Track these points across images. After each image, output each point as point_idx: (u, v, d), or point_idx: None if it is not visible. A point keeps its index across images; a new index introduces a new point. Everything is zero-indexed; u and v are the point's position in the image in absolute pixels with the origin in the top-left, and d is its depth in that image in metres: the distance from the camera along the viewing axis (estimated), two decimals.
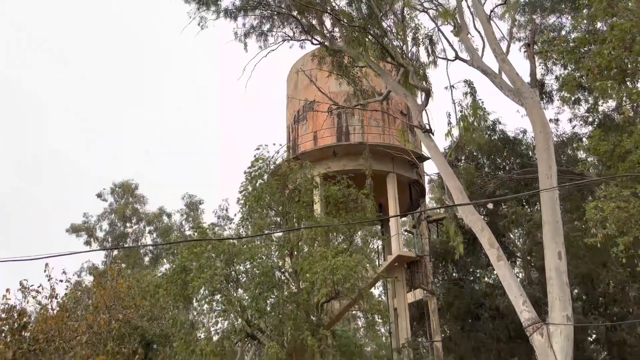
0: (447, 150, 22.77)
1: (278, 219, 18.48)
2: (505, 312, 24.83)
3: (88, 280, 31.83)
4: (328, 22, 16.21)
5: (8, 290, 16.73)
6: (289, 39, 16.88)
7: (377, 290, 32.55)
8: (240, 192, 17.65)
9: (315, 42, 16.36)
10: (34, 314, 18.62)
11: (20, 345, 15.38)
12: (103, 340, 17.38)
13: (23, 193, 74.15)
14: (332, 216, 18.19)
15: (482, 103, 13.81)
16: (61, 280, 19.67)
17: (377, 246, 28.04)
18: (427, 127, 13.30)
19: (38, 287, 18.56)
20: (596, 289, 26.49)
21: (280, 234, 18.06)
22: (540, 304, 19.37)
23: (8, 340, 15.40)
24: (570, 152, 24.80)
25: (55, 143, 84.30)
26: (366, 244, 19.99)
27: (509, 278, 10.85)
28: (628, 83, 15.09)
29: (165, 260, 33.65)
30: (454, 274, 29.05)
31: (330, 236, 18.44)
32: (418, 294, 24.89)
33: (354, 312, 29.04)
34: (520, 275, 27.88)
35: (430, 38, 16.10)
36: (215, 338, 16.96)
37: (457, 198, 12.09)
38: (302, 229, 17.60)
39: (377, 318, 18.69)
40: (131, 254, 36.47)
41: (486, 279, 29.50)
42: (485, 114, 13.92)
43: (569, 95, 18.89)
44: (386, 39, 15.20)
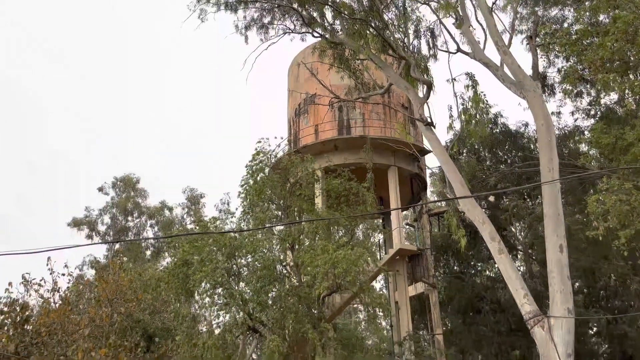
0: (448, 144, 22.73)
1: (279, 213, 18.47)
2: (506, 305, 24.87)
3: (90, 274, 31.92)
4: (329, 15, 16.13)
5: (10, 283, 16.78)
6: (290, 31, 16.81)
7: (378, 283, 32.61)
8: (242, 185, 17.63)
9: (316, 34, 16.30)
10: (36, 308, 18.67)
11: (22, 338, 15.45)
12: (105, 334, 17.45)
13: (23, 193, 74.27)
14: (333, 210, 18.17)
15: (483, 96, 13.76)
16: (63, 274, 19.74)
17: (378, 240, 28.05)
18: (429, 120, 13.26)
19: (40, 280, 18.63)
20: (597, 282, 26.51)
21: (281, 227, 18.07)
22: (541, 297, 19.39)
23: (10, 333, 15.47)
24: (572, 145, 24.73)
25: (55, 143, 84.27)
26: (367, 238, 19.95)
27: (510, 271, 10.85)
28: (630, 75, 15.01)
29: (166, 254, 33.71)
30: (455, 267, 29.07)
31: (331, 230, 18.43)
32: (419, 287, 24.94)
33: (355, 306, 29.09)
34: (522, 269, 27.88)
35: (432, 31, 16.01)
36: (217, 331, 17.02)
37: (458, 191, 12.07)
38: (303, 222, 17.60)
39: (378, 311, 18.71)
40: (133, 247, 36.53)
41: (487, 273, 29.53)
42: (487, 106, 13.86)
43: (571, 88, 18.81)
44: (387, 32, 15.13)
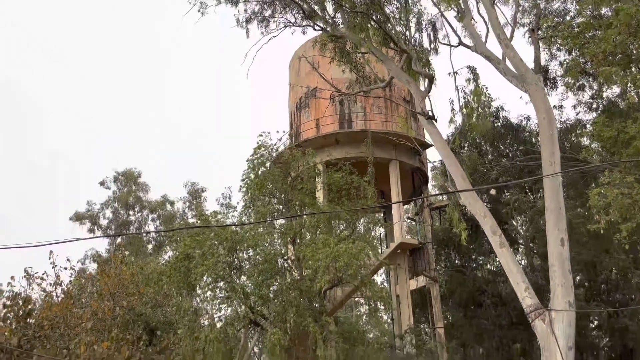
0: (450, 137, 22.68)
1: (280, 207, 18.48)
2: (507, 298, 24.91)
3: (92, 267, 31.99)
4: (330, 8, 16.07)
5: (13, 277, 16.85)
6: (291, 24, 16.76)
7: (379, 277, 32.65)
8: (243, 179, 17.63)
9: (317, 28, 16.24)
10: (38, 301, 18.74)
11: (25, 331, 15.52)
12: (107, 327, 17.52)
13: (23, 193, 74.24)
14: (334, 204, 18.18)
15: (485, 89, 13.69)
16: (65, 268, 19.80)
17: (380, 233, 28.09)
18: (430, 113, 13.23)
19: (43, 274, 18.69)
20: (598, 275, 26.52)
21: (282, 221, 18.08)
22: (542, 291, 19.39)
23: (13, 327, 15.54)
24: (573, 139, 24.65)
25: (55, 143, 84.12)
26: (368, 231, 19.96)
27: (511, 264, 10.86)
28: (633, 69, 14.94)
29: (168, 248, 33.79)
30: (457, 261, 29.10)
31: (332, 223, 18.44)
32: (420, 281, 24.98)
33: (356, 299, 29.14)
34: (523, 263, 27.89)
35: (434, 24, 15.93)
36: (218, 325, 17.08)
37: (459, 185, 12.07)
38: (304, 215, 17.61)
39: (379, 305, 18.74)
40: (134, 241, 36.60)
41: (488, 266, 29.55)
42: (489, 100, 13.81)
43: (573, 81, 18.73)
44: (389, 25, 15.06)
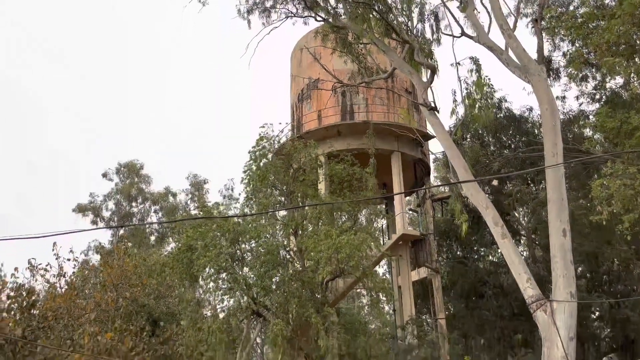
0: (452, 129, 22.62)
1: (282, 199, 18.50)
2: (509, 289, 24.97)
3: (95, 259, 32.14)
4: None
5: (16, 269, 16.93)
6: (292, 15, 16.65)
7: (381, 268, 32.74)
8: (245, 171, 17.64)
9: (319, 18, 16.14)
10: (42, 293, 18.85)
11: (29, 322, 15.62)
12: (111, 318, 17.63)
13: (23, 193, 74.25)
14: (336, 195, 18.19)
15: (488, 80, 13.63)
16: (69, 259, 19.88)
17: (382, 225, 28.13)
18: (432, 105, 13.17)
19: (46, 265, 18.78)
20: (600, 266, 26.56)
21: (284, 212, 18.11)
22: (544, 282, 19.40)
23: (17, 318, 15.64)
24: (576, 130, 24.58)
25: (55, 143, 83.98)
26: (370, 223, 19.99)
27: (513, 255, 10.86)
28: (636, 59, 14.86)
29: (171, 240, 33.90)
30: (458, 253, 29.15)
31: (334, 215, 18.47)
32: (422, 272, 25.04)
33: (358, 290, 29.25)
34: (525, 254, 27.92)
35: (436, 14, 15.83)
36: (221, 315, 17.17)
37: (462, 176, 12.05)
38: (307, 206, 17.63)
39: (381, 296, 18.82)
40: (137, 233, 36.72)
41: (490, 257, 29.60)
42: (491, 91, 13.75)
43: (576, 72, 18.64)
44: (391, 15, 14.97)
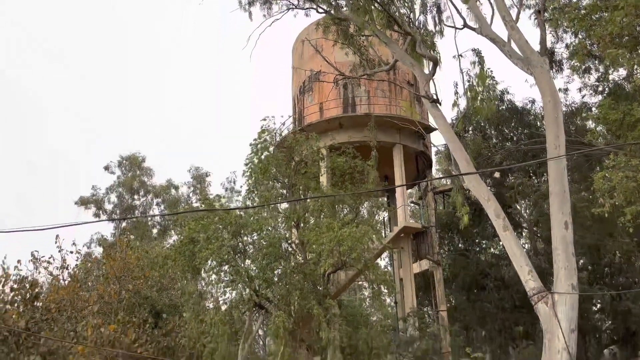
0: (454, 121, 22.58)
1: (284, 191, 18.51)
2: (510, 282, 25.02)
3: (98, 251, 32.28)
4: None
5: (19, 261, 17.02)
6: (294, 7, 16.56)
7: (383, 261, 32.82)
8: (246, 164, 17.64)
9: (320, 10, 16.05)
10: (45, 285, 18.95)
11: (33, 314, 15.74)
12: (114, 310, 17.75)
13: (23, 193, 74.30)
14: (338, 188, 18.19)
15: (490, 72, 13.57)
16: (71, 252, 19.98)
17: (383, 217, 28.15)
18: (434, 97, 13.13)
19: (49, 258, 18.87)
20: (602, 259, 26.58)
21: (286, 205, 18.12)
22: (545, 274, 19.43)
23: (21, 310, 15.75)
24: (579, 122, 24.52)
25: (55, 143, 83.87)
26: (372, 215, 19.99)
27: (514, 247, 10.87)
28: None
29: (173, 232, 33.99)
30: (460, 245, 29.21)
31: (336, 207, 18.48)
32: (424, 265, 25.09)
33: (360, 283, 29.34)
34: (526, 246, 27.96)
35: (438, 6, 15.74)
36: (223, 308, 17.24)
37: (463, 169, 12.03)
38: (308, 198, 17.63)
39: (383, 288, 18.85)
40: (139, 226, 36.84)
41: (492, 250, 29.65)
42: (494, 83, 13.68)
43: (579, 64, 18.55)
44: (393, 7, 14.88)
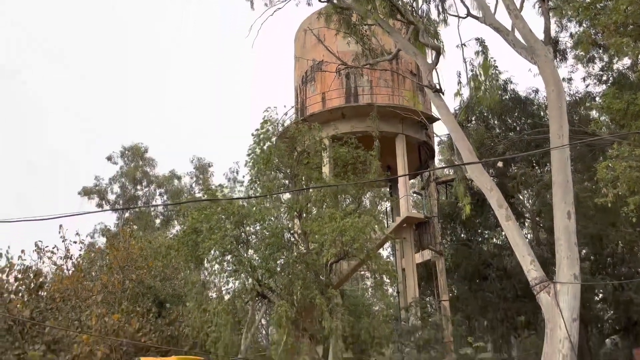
0: (457, 111, 22.49)
1: (287, 181, 18.52)
2: (513, 272, 25.06)
3: (101, 242, 32.42)
4: None
5: (23, 251, 17.15)
6: None
7: (385, 251, 32.89)
8: (249, 154, 17.63)
9: None
10: (49, 275, 19.08)
11: (37, 304, 15.86)
12: (117, 300, 17.88)
13: (23, 193, 74.27)
14: (340, 178, 18.19)
15: (494, 62, 13.47)
16: (75, 242, 20.09)
17: (386, 208, 28.17)
18: (437, 86, 13.07)
19: (53, 248, 18.98)
20: (605, 249, 26.56)
21: (289, 195, 18.14)
22: (547, 264, 19.48)
23: (25, 299, 15.88)
24: (582, 112, 24.39)
25: (55, 143, 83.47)
26: (374, 206, 20.00)
27: (517, 237, 10.86)
28: None
29: (176, 222, 34.10)
30: (462, 235, 29.22)
31: (338, 198, 18.49)
32: (426, 255, 25.14)
33: (362, 272, 29.43)
34: (529, 236, 27.96)
35: None
36: (226, 297, 17.34)
37: (466, 159, 12.00)
38: (311, 188, 17.64)
39: (385, 278, 18.91)
40: (142, 216, 36.95)
41: (494, 240, 29.67)
42: (497, 73, 13.59)
43: (583, 53, 18.42)
44: None
